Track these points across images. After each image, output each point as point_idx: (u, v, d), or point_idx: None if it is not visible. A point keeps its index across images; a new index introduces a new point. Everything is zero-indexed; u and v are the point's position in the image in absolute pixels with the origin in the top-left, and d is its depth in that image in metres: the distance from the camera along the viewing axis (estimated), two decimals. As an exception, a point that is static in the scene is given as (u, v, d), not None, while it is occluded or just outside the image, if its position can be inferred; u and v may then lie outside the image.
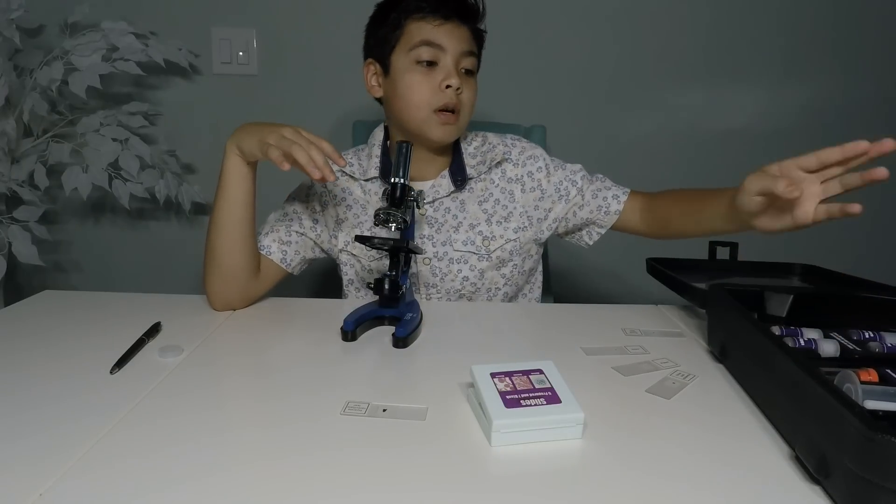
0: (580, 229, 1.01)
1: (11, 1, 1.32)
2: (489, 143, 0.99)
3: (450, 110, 0.89)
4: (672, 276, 0.83)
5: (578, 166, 1.00)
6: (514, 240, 0.97)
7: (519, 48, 1.55)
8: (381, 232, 0.92)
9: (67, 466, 0.46)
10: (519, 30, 1.54)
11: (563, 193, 0.98)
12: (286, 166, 0.76)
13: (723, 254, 0.91)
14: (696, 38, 1.56)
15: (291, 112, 1.58)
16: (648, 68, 1.58)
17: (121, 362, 0.64)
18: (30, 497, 0.42)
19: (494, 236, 0.96)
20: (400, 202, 0.79)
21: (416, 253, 0.83)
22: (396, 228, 0.78)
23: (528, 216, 0.98)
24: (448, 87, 0.87)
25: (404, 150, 0.80)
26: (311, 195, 0.97)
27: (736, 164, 1.64)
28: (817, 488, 0.44)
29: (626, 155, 1.62)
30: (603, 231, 0.99)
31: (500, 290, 0.99)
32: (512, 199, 0.97)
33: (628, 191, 0.98)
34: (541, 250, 1.05)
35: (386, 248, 0.79)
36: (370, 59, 0.94)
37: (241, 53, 1.54)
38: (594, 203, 0.97)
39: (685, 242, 0.90)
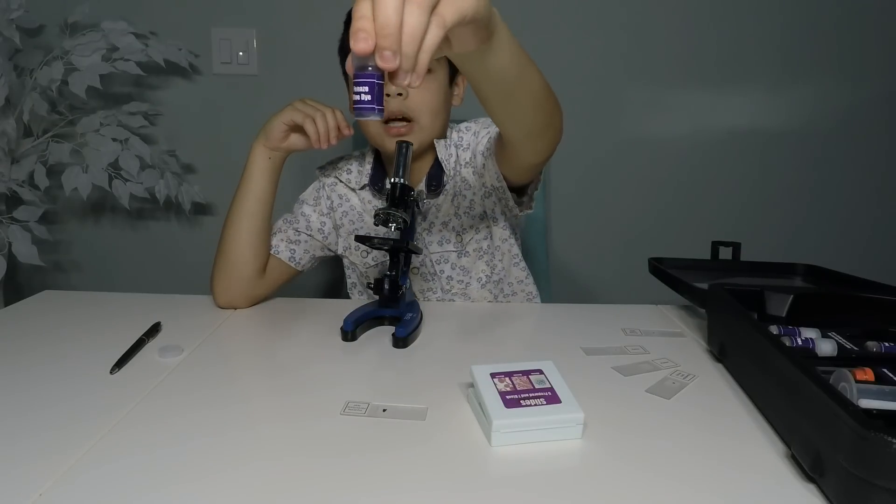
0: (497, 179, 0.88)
1: (11, 1, 1.32)
2: (458, 136, 0.94)
3: (400, 120, 0.84)
4: (673, 275, 0.83)
5: (487, 120, 0.92)
6: (485, 227, 0.94)
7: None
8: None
9: (67, 466, 0.46)
10: (518, 30, 1.52)
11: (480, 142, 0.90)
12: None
13: (725, 254, 0.91)
14: (697, 39, 1.56)
15: (291, 112, 1.57)
16: (649, 69, 1.58)
17: (121, 362, 0.65)
18: (30, 497, 0.42)
19: (465, 228, 0.94)
20: (400, 202, 0.79)
21: (415, 253, 0.83)
22: (396, 228, 0.78)
23: (480, 193, 0.92)
24: (387, 94, 0.81)
25: (404, 149, 0.80)
26: (319, 198, 0.97)
27: (738, 165, 1.64)
28: (812, 486, 0.44)
29: (626, 156, 1.62)
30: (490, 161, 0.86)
31: (489, 277, 0.96)
32: (468, 185, 0.92)
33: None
34: (508, 215, 0.95)
35: (386, 248, 0.80)
36: None
37: (241, 53, 1.54)
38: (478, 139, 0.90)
39: (687, 242, 0.90)
